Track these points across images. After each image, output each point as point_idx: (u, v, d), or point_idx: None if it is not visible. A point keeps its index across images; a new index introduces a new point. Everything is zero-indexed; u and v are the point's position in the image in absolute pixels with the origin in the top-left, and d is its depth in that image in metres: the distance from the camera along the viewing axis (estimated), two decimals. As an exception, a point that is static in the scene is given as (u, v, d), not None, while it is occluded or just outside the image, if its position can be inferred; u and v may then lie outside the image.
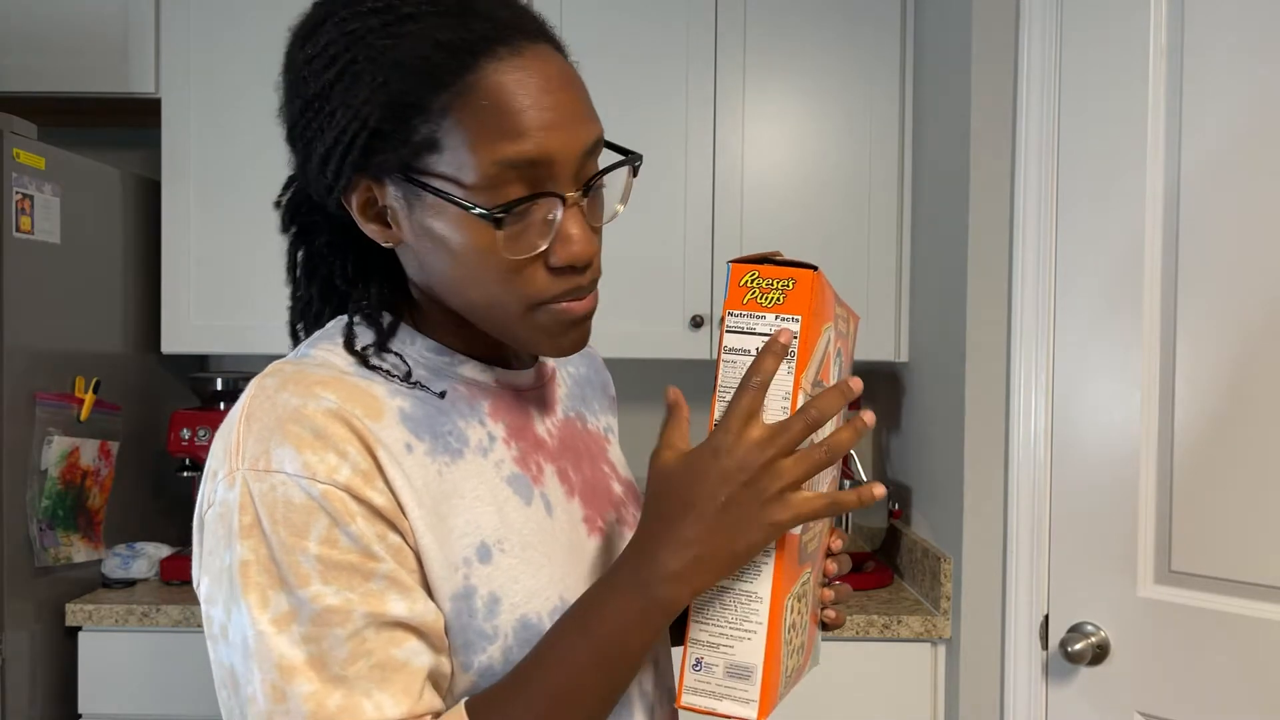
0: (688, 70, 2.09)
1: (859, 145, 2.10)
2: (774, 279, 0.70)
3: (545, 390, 0.84)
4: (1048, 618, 1.62)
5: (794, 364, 0.69)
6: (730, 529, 0.66)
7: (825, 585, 0.85)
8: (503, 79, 0.65)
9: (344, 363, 0.72)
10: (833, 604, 0.85)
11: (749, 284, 0.71)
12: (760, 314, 0.70)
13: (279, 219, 0.79)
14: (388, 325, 0.75)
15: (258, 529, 0.64)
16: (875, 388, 2.41)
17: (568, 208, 0.68)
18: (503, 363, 0.80)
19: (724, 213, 2.10)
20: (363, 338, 0.74)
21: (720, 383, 0.71)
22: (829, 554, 0.85)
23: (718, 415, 0.70)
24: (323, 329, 0.77)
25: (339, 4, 0.68)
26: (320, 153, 0.68)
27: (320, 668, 0.63)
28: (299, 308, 0.80)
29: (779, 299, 0.70)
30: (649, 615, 0.67)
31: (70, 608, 1.86)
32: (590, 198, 0.71)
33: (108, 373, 2.01)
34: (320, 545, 0.63)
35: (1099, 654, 1.55)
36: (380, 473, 0.66)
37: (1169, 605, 1.48)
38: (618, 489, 0.87)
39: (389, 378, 0.72)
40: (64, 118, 2.31)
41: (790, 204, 2.11)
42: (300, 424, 0.65)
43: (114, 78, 2.10)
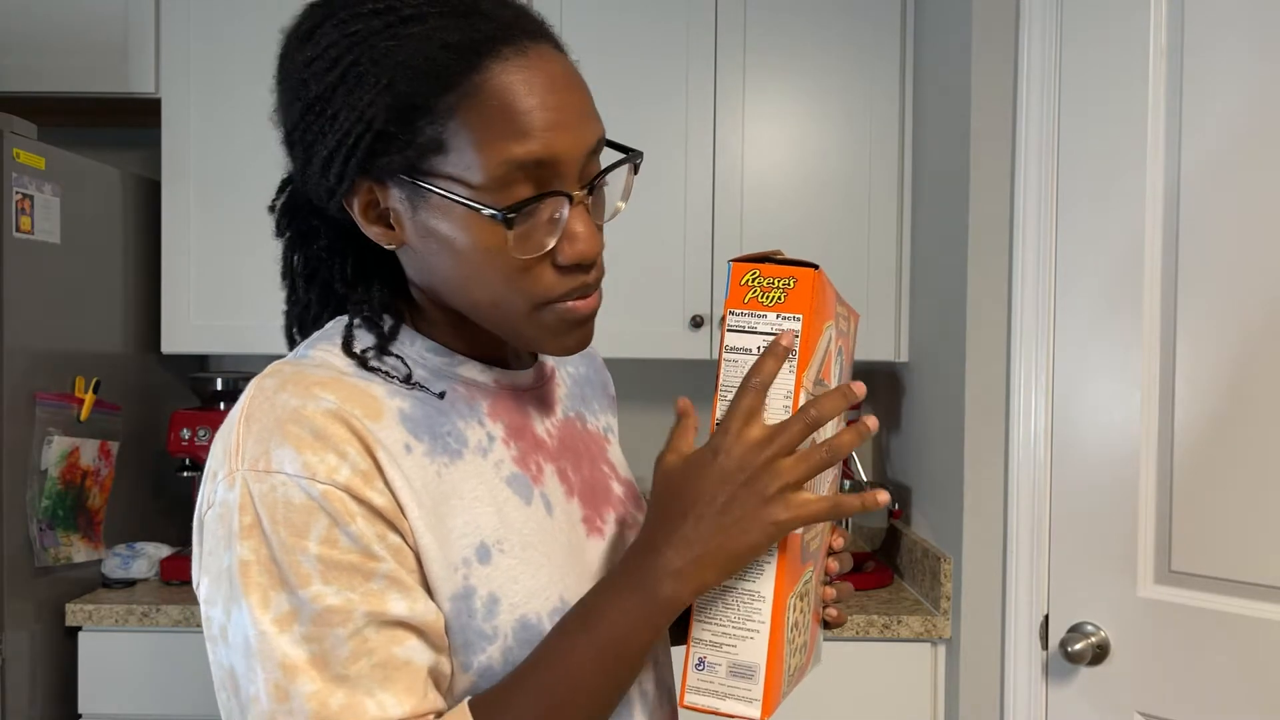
0: (688, 70, 2.09)
1: (859, 145, 2.10)
2: (775, 278, 0.70)
3: (545, 390, 0.84)
4: (1048, 618, 1.62)
5: (795, 363, 0.69)
6: (731, 528, 0.66)
7: (826, 583, 0.85)
8: (509, 79, 0.65)
9: (343, 363, 0.72)
10: (834, 602, 0.85)
11: (750, 283, 0.71)
12: (761, 313, 0.70)
13: (273, 223, 0.78)
14: (388, 328, 0.74)
15: (258, 529, 0.64)
16: (875, 388, 2.41)
17: (574, 206, 0.68)
18: (502, 363, 0.80)
19: (724, 213, 2.10)
20: (362, 340, 0.73)
21: (722, 382, 0.71)
22: (830, 552, 0.85)
23: (719, 414, 0.70)
24: (321, 330, 0.77)
25: (337, 5, 0.67)
26: (322, 156, 0.68)
27: (322, 667, 0.63)
28: (296, 311, 0.80)
29: (780, 298, 0.70)
30: (651, 614, 0.67)
31: (70, 608, 1.86)
32: (593, 196, 0.71)
33: (108, 373, 2.01)
34: (320, 545, 0.63)
35: (1099, 654, 1.55)
36: (380, 473, 0.66)
37: (1169, 605, 1.48)
38: (617, 489, 0.87)
39: (388, 379, 0.72)
40: (64, 118, 2.31)
41: (790, 204, 2.11)
42: (300, 424, 0.65)
43: (114, 78, 2.10)
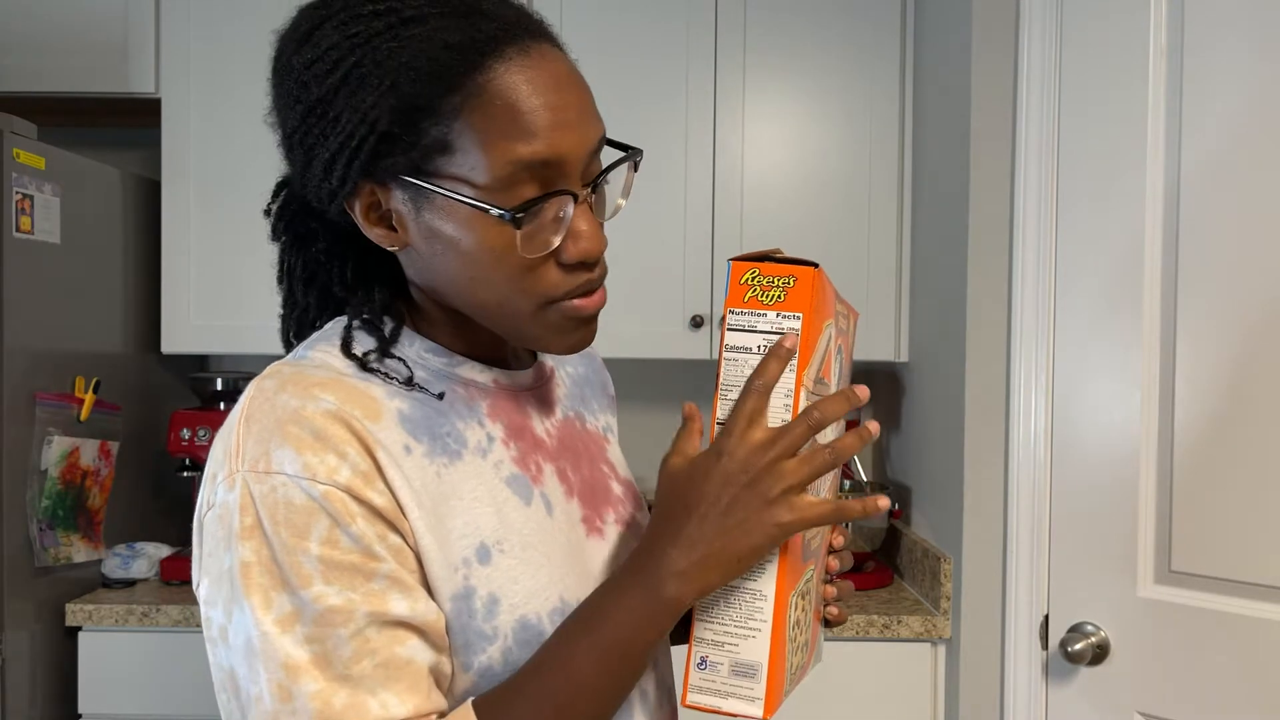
0: (688, 70, 2.09)
1: (859, 145, 2.10)
2: (775, 276, 0.70)
3: (544, 390, 0.84)
4: (1048, 618, 1.62)
5: (795, 362, 0.69)
6: (734, 530, 0.67)
7: (827, 582, 0.85)
8: (514, 79, 0.65)
9: (342, 364, 0.72)
10: (835, 601, 0.85)
11: (750, 282, 0.71)
12: (761, 312, 0.70)
13: (269, 227, 0.78)
14: (389, 331, 0.74)
15: (259, 530, 0.64)
16: (875, 388, 2.41)
17: (578, 205, 0.69)
18: (502, 363, 0.80)
19: (724, 213, 2.10)
20: (362, 343, 0.73)
21: (722, 381, 0.71)
22: (831, 550, 0.85)
23: (719, 413, 0.71)
24: (320, 331, 0.77)
25: (336, 7, 0.67)
26: (324, 158, 0.68)
27: (325, 667, 0.63)
28: (295, 315, 0.80)
29: (780, 296, 0.70)
30: (655, 615, 0.67)
31: (70, 608, 1.86)
32: (595, 194, 0.72)
33: (108, 373, 2.01)
34: (321, 546, 0.63)
35: (1099, 654, 1.55)
36: (380, 474, 0.67)
37: (1169, 605, 1.48)
38: (617, 489, 0.87)
39: (388, 380, 0.72)
40: (64, 118, 2.31)
41: (790, 204, 2.11)
42: (300, 425, 0.65)
43: (114, 78, 2.10)
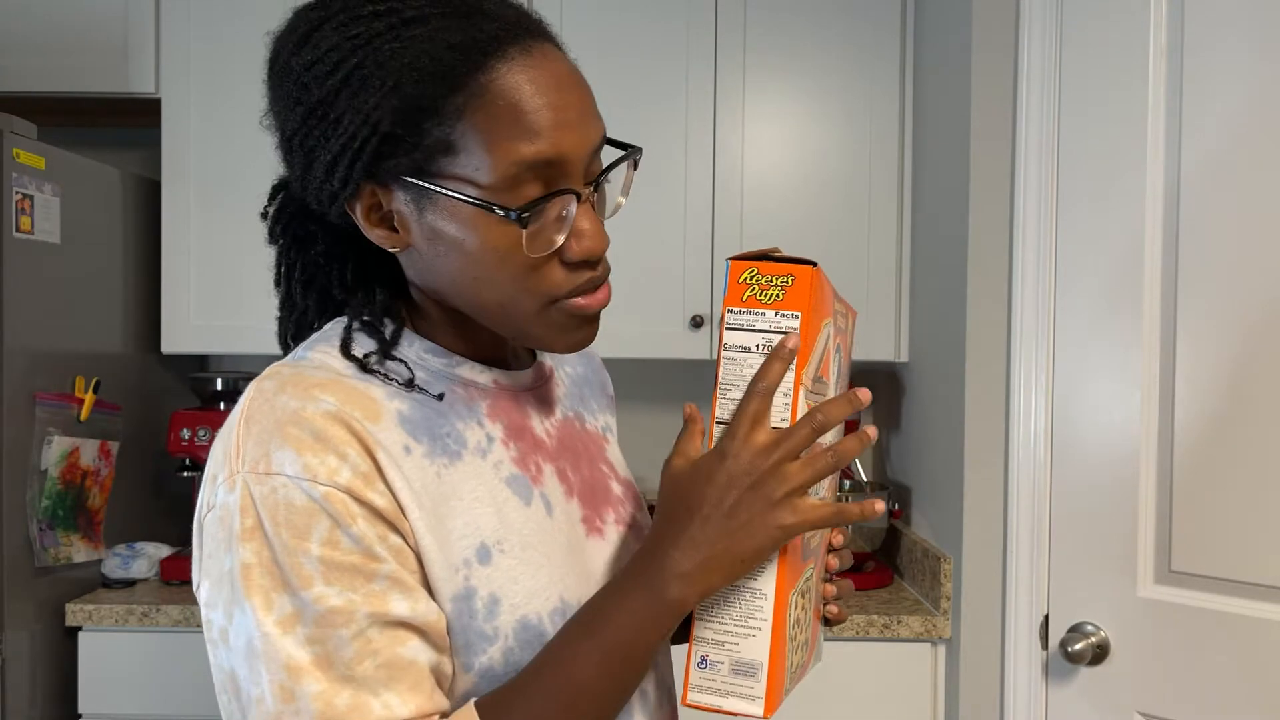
0: (688, 70, 2.09)
1: (859, 145, 2.10)
2: (773, 275, 0.70)
3: (544, 390, 0.84)
4: (1048, 618, 1.62)
5: (795, 361, 0.69)
6: (738, 532, 0.67)
7: (826, 580, 0.85)
8: (517, 79, 0.65)
9: (341, 365, 0.72)
10: (834, 599, 0.85)
11: (748, 281, 0.71)
12: (760, 310, 0.70)
13: (266, 230, 0.78)
14: (390, 333, 0.74)
15: (259, 532, 0.64)
16: (875, 388, 2.41)
17: (580, 204, 0.69)
18: (502, 363, 0.80)
19: (724, 213, 2.10)
20: (362, 344, 0.73)
21: (721, 380, 0.71)
22: (830, 549, 0.86)
23: (718, 413, 0.71)
24: (319, 332, 0.77)
25: (334, 8, 0.67)
26: (325, 160, 0.68)
27: (327, 667, 0.63)
28: (293, 317, 0.80)
29: (778, 295, 0.70)
30: (658, 616, 0.67)
31: (70, 608, 1.86)
32: (596, 192, 0.72)
33: (108, 373, 2.01)
34: (322, 547, 0.63)
35: (1099, 654, 1.55)
36: (380, 475, 0.67)
37: (1169, 605, 1.48)
38: (616, 489, 0.87)
39: (387, 381, 0.72)
40: (64, 118, 2.31)
41: (790, 204, 2.11)
42: (300, 426, 0.65)
43: (114, 78, 2.10)
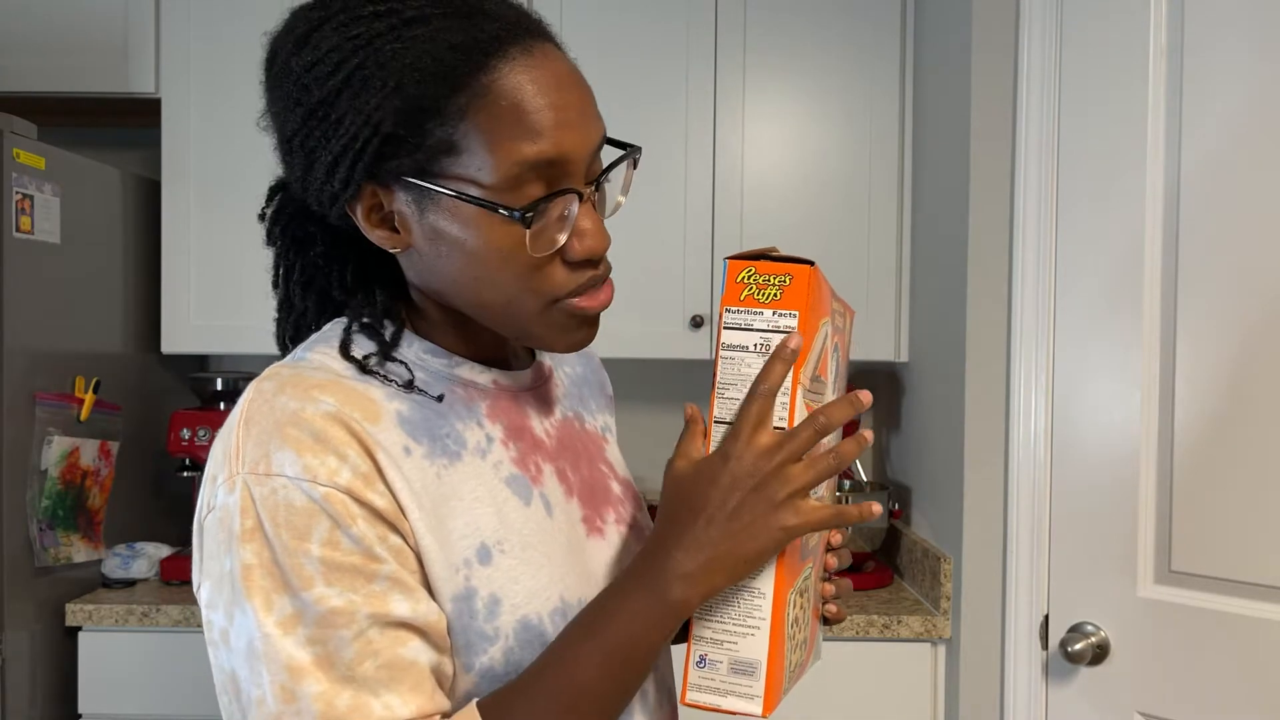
0: (688, 70, 2.09)
1: (859, 145, 2.10)
2: (770, 275, 0.70)
3: (543, 390, 0.84)
4: (1048, 618, 1.62)
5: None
6: (741, 533, 0.67)
7: (825, 579, 0.86)
8: (519, 79, 0.65)
9: (341, 366, 0.72)
10: (833, 599, 0.86)
11: (746, 280, 0.71)
12: (757, 310, 0.70)
13: (264, 232, 0.78)
14: (390, 335, 0.74)
15: (260, 533, 0.64)
16: (875, 388, 2.41)
17: (582, 203, 0.69)
18: (502, 363, 0.81)
19: (724, 213, 2.10)
20: (361, 345, 0.73)
21: (719, 379, 0.71)
22: (829, 548, 0.86)
23: (716, 412, 0.71)
24: (318, 333, 0.77)
25: (334, 8, 0.67)
26: (326, 161, 0.67)
27: (328, 668, 0.63)
28: (292, 319, 0.80)
29: (776, 295, 0.70)
30: (662, 617, 0.67)
31: (70, 608, 1.86)
32: (597, 191, 0.72)
33: (108, 373, 2.02)
34: (323, 547, 0.63)
35: (1099, 654, 1.55)
36: (380, 475, 0.67)
37: (1169, 605, 1.48)
38: (616, 488, 0.87)
39: (386, 382, 0.72)
40: (64, 118, 2.31)
41: (790, 204, 2.11)
42: (299, 427, 0.65)
43: (114, 78, 2.10)
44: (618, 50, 2.09)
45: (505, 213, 0.66)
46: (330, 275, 0.77)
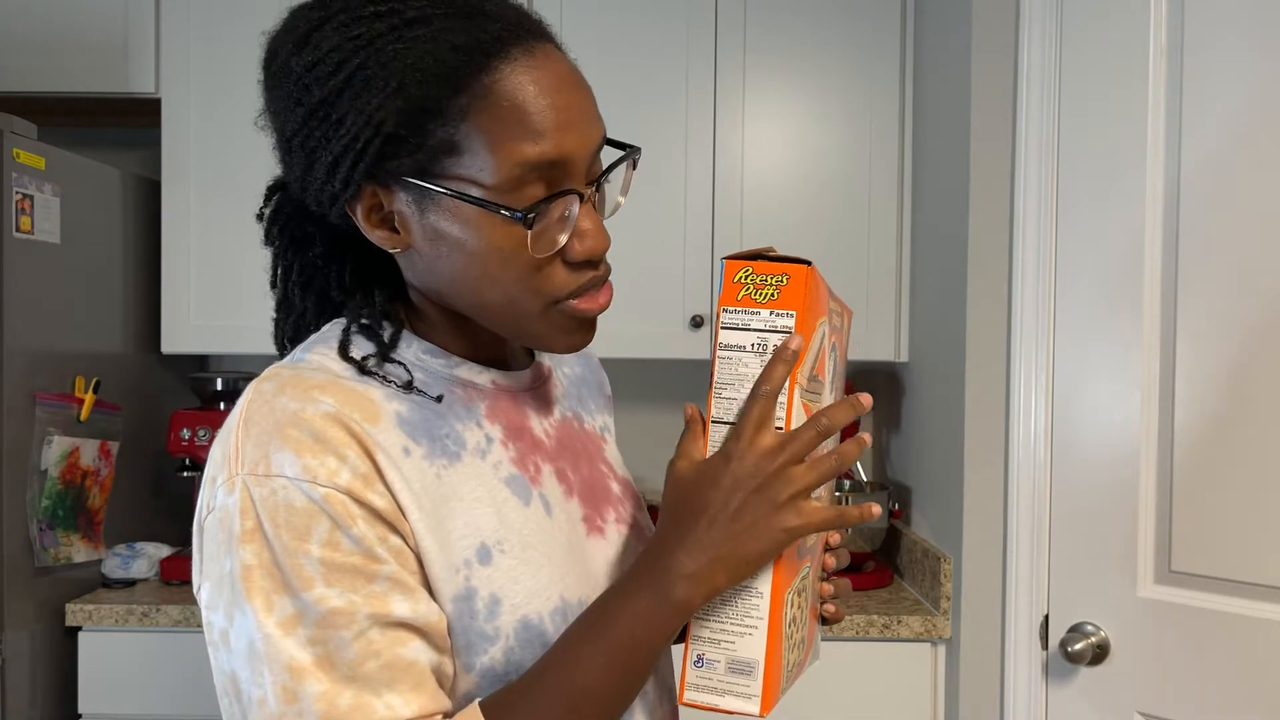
0: (688, 70, 2.09)
1: (859, 145, 2.10)
2: (768, 275, 0.70)
3: (542, 390, 0.84)
4: (1048, 618, 1.62)
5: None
6: (743, 534, 0.68)
7: (824, 579, 0.86)
8: (520, 80, 0.65)
9: (340, 367, 0.72)
10: (832, 598, 0.86)
11: (743, 280, 0.71)
12: (755, 310, 0.70)
13: (262, 232, 0.78)
14: (389, 336, 0.74)
15: (259, 533, 0.64)
16: (875, 388, 2.41)
17: (583, 204, 0.69)
18: (501, 364, 0.81)
19: (724, 213, 2.10)
20: (360, 346, 0.73)
21: (716, 379, 0.71)
22: (827, 548, 0.86)
23: (714, 412, 0.71)
24: (317, 333, 0.77)
25: (335, 8, 0.67)
26: (326, 161, 0.67)
27: (329, 668, 0.63)
28: (291, 319, 0.80)
29: (773, 294, 0.70)
30: (664, 617, 0.68)
31: (70, 608, 1.86)
32: (597, 192, 0.72)
33: (108, 373, 2.02)
34: (323, 548, 0.63)
35: (1099, 654, 1.55)
36: (380, 476, 0.67)
37: (1169, 605, 1.48)
38: (615, 488, 0.87)
39: (385, 383, 0.72)
40: (64, 118, 2.31)
41: (790, 204, 2.11)
42: (299, 428, 0.65)
43: (114, 78, 2.10)
44: (618, 50, 2.09)
45: (507, 213, 0.66)
46: (329, 275, 0.77)
